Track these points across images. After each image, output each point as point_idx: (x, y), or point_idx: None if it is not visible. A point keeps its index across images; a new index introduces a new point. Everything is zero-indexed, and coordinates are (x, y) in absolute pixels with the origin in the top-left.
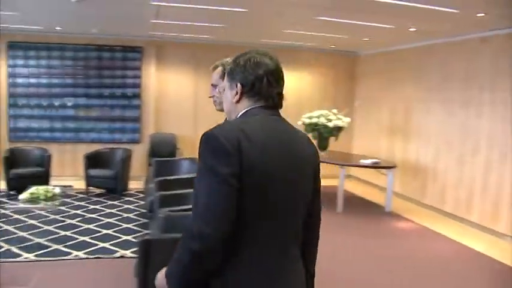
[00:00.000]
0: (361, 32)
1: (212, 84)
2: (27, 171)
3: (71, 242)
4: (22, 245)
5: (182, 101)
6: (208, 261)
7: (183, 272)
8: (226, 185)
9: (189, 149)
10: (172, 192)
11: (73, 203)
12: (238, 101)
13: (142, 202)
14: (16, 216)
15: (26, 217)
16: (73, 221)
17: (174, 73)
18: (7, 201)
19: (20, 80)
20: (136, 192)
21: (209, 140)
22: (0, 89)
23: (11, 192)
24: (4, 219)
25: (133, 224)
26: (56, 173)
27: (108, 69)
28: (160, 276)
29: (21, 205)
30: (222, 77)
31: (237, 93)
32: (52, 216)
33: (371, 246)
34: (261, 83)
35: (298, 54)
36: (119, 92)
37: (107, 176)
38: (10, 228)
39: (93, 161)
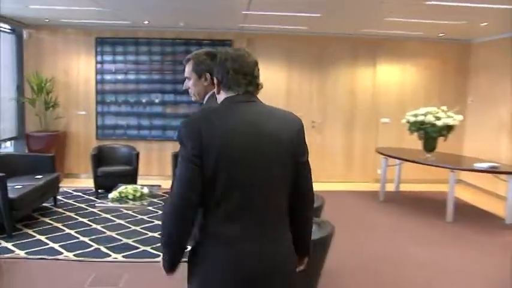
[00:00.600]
0: (478, 16)
1: (186, 77)
2: (115, 169)
3: (159, 244)
4: (111, 245)
5: (274, 98)
6: (180, 222)
7: (164, 233)
8: (190, 163)
9: None
10: None
11: (161, 204)
12: (218, 93)
13: None
14: (104, 215)
15: (113, 216)
16: (161, 223)
17: (265, 67)
18: (95, 199)
19: (107, 77)
20: None
21: (180, 129)
22: (89, 86)
23: (99, 191)
24: (92, 218)
25: None
26: (142, 172)
27: None
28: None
29: (110, 204)
30: (194, 69)
31: (216, 86)
32: (140, 217)
33: (488, 263)
34: (228, 76)
35: (401, 45)
36: None
37: None
38: (98, 227)
39: None
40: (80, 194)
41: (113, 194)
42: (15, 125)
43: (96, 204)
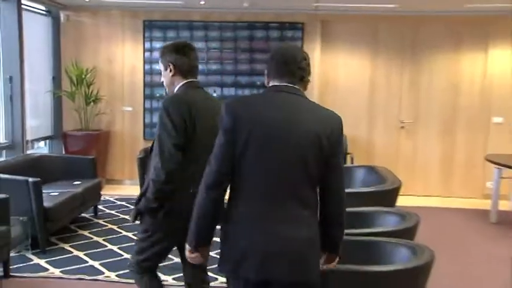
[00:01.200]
0: None
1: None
2: None
3: (216, 266)
4: (159, 264)
5: (354, 92)
6: (214, 189)
7: (199, 199)
8: (225, 143)
9: (363, 154)
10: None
11: None
12: (268, 83)
13: None
14: None
15: None
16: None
17: (344, 55)
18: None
19: (157, 67)
20: None
21: (221, 110)
22: (136, 77)
23: None
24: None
25: None
26: None
27: (262, 52)
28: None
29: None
30: (161, 61)
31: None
32: None
33: None
34: (273, 68)
35: None
36: None
37: None
38: None
39: None
40: (123, 203)
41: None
42: (51, 122)
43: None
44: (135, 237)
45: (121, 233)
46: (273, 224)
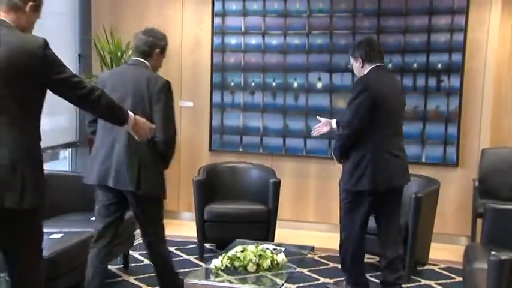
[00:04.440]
0: None
1: None
2: (236, 209)
3: None
4: None
5: None
6: (350, 138)
7: (339, 144)
8: (365, 105)
9: None
10: None
11: (316, 279)
12: (362, 66)
13: None
14: None
15: None
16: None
17: None
18: (198, 262)
19: (232, 40)
20: (445, 270)
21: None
22: (200, 57)
23: (207, 246)
24: None
25: None
26: (286, 215)
27: (396, 15)
28: None
29: (212, 282)
30: None
31: (360, 62)
32: None
33: None
34: (371, 56)
35: None
36: (419, 61)
37: None
38: None
39: None
40: (172, 249)
41: (219, 261)
42: (75, 122)
43: (187, 281)
44: None
45: None
46: (390, 150)
